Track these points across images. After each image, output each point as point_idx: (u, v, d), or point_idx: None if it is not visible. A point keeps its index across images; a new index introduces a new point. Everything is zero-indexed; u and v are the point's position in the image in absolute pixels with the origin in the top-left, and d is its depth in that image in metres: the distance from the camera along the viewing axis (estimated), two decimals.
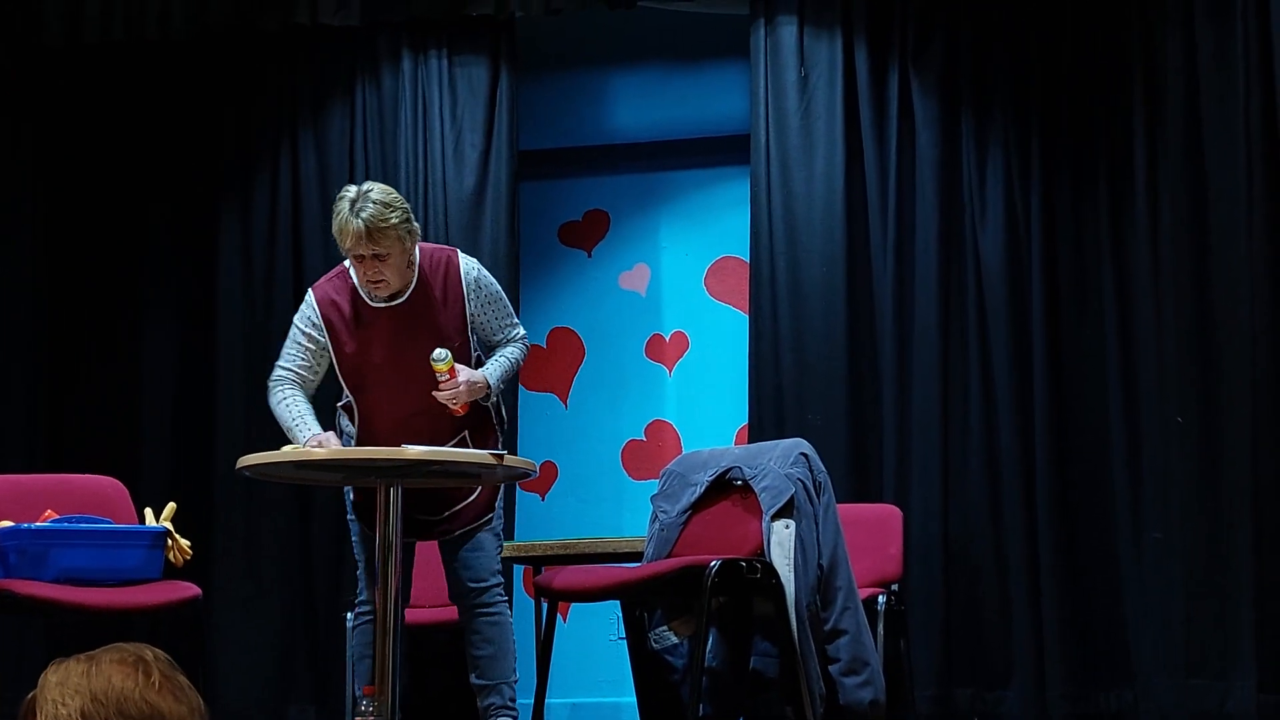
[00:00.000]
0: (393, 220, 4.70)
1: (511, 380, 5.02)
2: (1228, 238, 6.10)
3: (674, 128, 7.57)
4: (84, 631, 5.72)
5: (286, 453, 4.58)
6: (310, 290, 4.98)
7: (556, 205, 7.73)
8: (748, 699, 5.19)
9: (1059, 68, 6.59)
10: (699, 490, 5.21)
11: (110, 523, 5.08)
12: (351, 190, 4.79)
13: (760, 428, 6.68)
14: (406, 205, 4.82)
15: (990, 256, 6.56)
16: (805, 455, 5.07)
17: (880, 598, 5.94)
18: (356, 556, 5.02)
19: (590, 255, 7.73)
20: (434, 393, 4.74)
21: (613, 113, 7.64)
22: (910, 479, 6.53)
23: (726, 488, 5.19)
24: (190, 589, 4.98)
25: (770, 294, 6.77)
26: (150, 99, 7.34)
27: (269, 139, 7.26)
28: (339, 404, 5.02)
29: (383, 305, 4.85)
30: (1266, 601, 5.87)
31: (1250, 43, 6.08)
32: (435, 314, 4.86)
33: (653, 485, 5.53)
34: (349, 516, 5.00)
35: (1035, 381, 6.44)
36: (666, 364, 7.59)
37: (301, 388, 4.96)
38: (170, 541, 5.05)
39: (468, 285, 4.89)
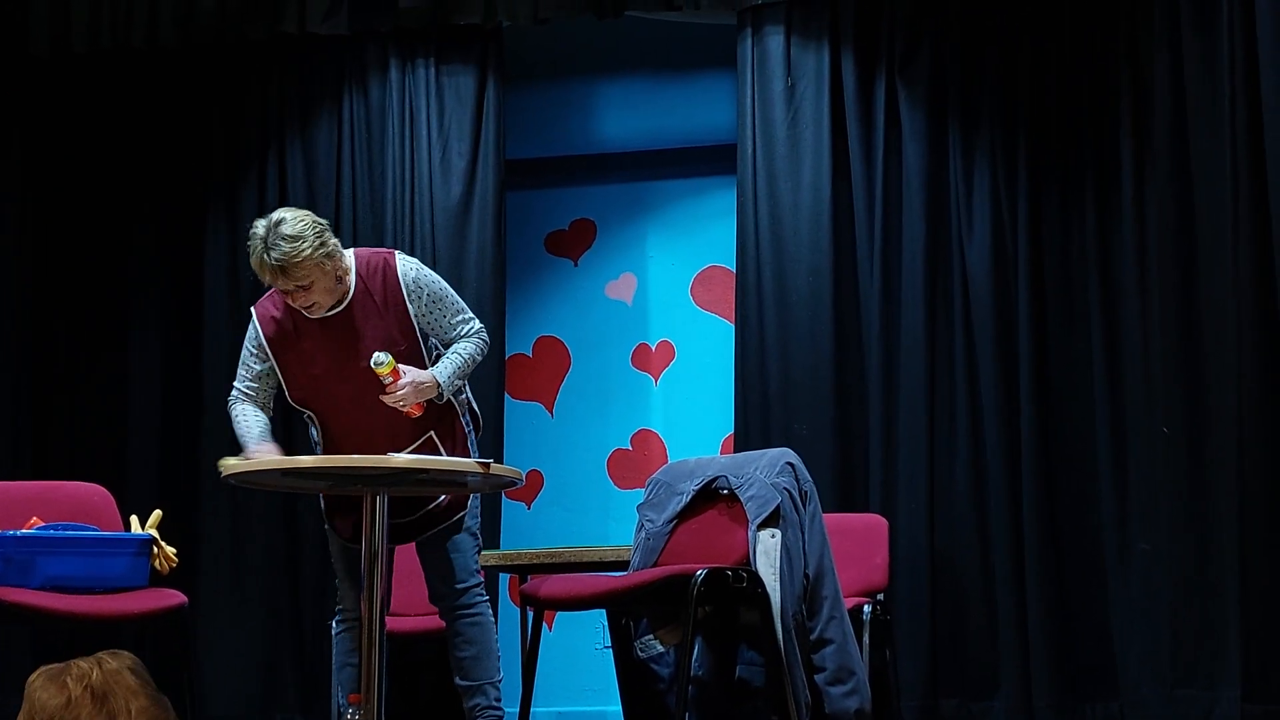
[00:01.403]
0: (305, 252, 4.62)
1: (471, 375, 4.91)
2: (1214, 249, 6.11)
3: (661, 137, 7.58)
4: (70, 639, 5.73)
5: (272, 460, 4.58)
6: (253, 309, 4.95)
7: (543, 214, 7.74)
8: (733, 708, 5.19)
9: (1046, 80, 6.61)
10: (685, 499, 5.22)
11: (96, 530, 5.07)
12: (260, 226, 4.69)
13: (746, 437, 6.69)
14: (320, 227, 4.70)
15: (977, 267, 6.57)
16: (791, 465, 5.08)
17: (866, 607, 5.94)
18: (335, 564, 5.02)
19: (577, 264, 7.74)
20: (381, 397, 4.70)
21: (600, 122, 7.64)
22: (896, 489, 6.54)
23: (713, 497, 5.19)
24: (176, 597, 4.98)
25: (756, 304, 6.78)
26: (138, 108, 7.34)
27: (256, 147, 7.26)
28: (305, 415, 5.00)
29: (319, 317, 4.81)
30: (1252, 612, 5.88)
31: (1236, 55, 6.10)
32: (376, 318, 4.81)
33: (639, 494, 5.53)
34: (326, 525, 5.00)
35: (1021, 392, 6.45)
36: (652, 373, 7.60)
37: (254, 402, 4.93)
38: (156, 549, 5.04)
39: (406, 287, 4.82)
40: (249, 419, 4.89)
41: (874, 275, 6.67)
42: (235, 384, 4.95)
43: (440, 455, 4.81)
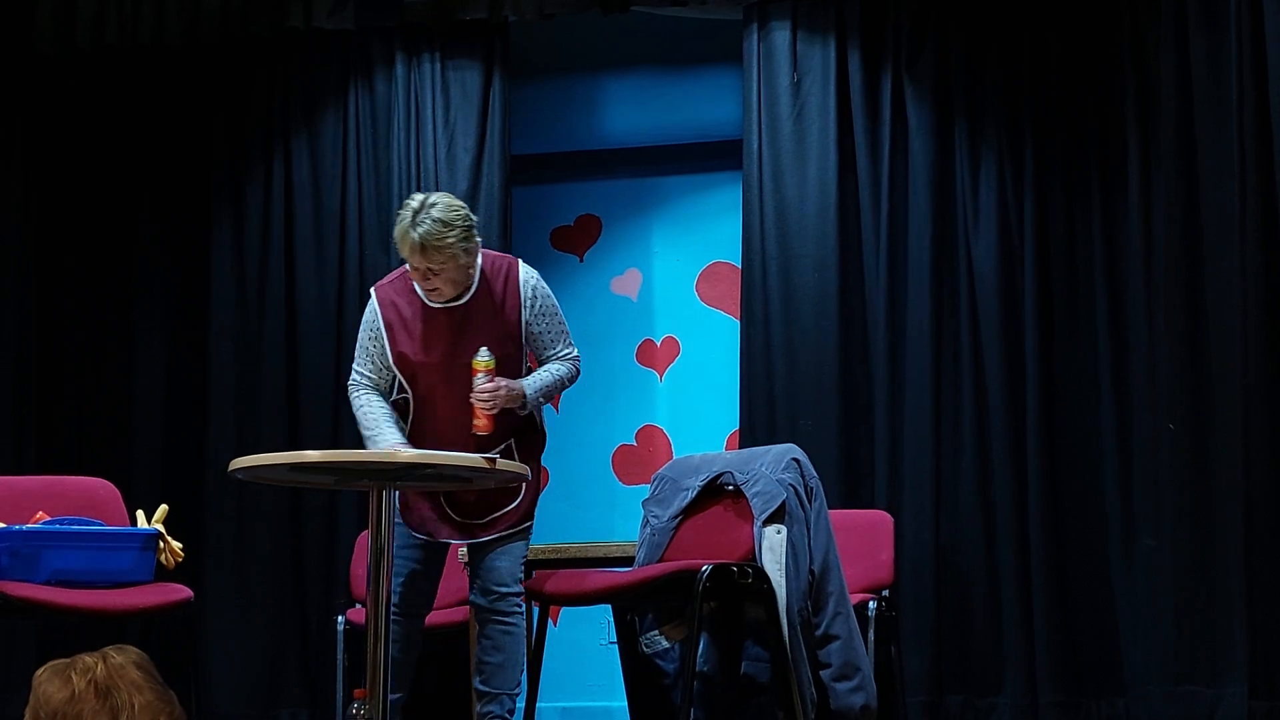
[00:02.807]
0: (449, 240, 4.74)
1: (552, 398, 5.05)
2: (1220, 245, 6.10)
3: (666, 133, 7.58)
4: (76, 633, 5.73)
5: (280, 456, 4.58)
6: (373, 290, 5.03)
7: (549, 210, 7.74)
8: (739, 704, 5.19)
9: (1052, 75, 6.60)
10: (690, 495, 5.22)
11: (102, 525, 5.07)
12: (416, 200, 4.81)
13: (751, 433, 6.69)
14: (471, 222, 4.83)
15: (983, 263, 6.57)
16: (797, 461, 5.08)
17: (871, 603, 5.94)
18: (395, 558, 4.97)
19: (582, 260, 7.73)
20: (471, 395, 4.77)
21: (605, 117, 7.64)
22: (902, 485, 6.54)
23: (718, 493, 5.19)
24: (182, 591, 4.98)
25: (762, 299, 6.78)
26: (143, 104, 7.34)
27: (262, 142, 7.26)
28: (389, 400, 5.01)
29: (441, 306, 4.89)
30: (1257, 609, 5.87)
31: (1243, 51, 6.08)
32: (492, 318, 4.90)
33: (644, 490, 5.53)
34: (396, 520, 4.96)
35: (1027, 388, 6.45)
36: (658, 369, 7.59)
37: (377, 390, 4.99)
38: (162, 544, 5.05)
39: (525, 293, 4.94)
40: (375, 410, 4.94)
41: (880, 271, 6.67)
42: (355, 369, 4.99)
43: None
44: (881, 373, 6.62)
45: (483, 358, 4.74)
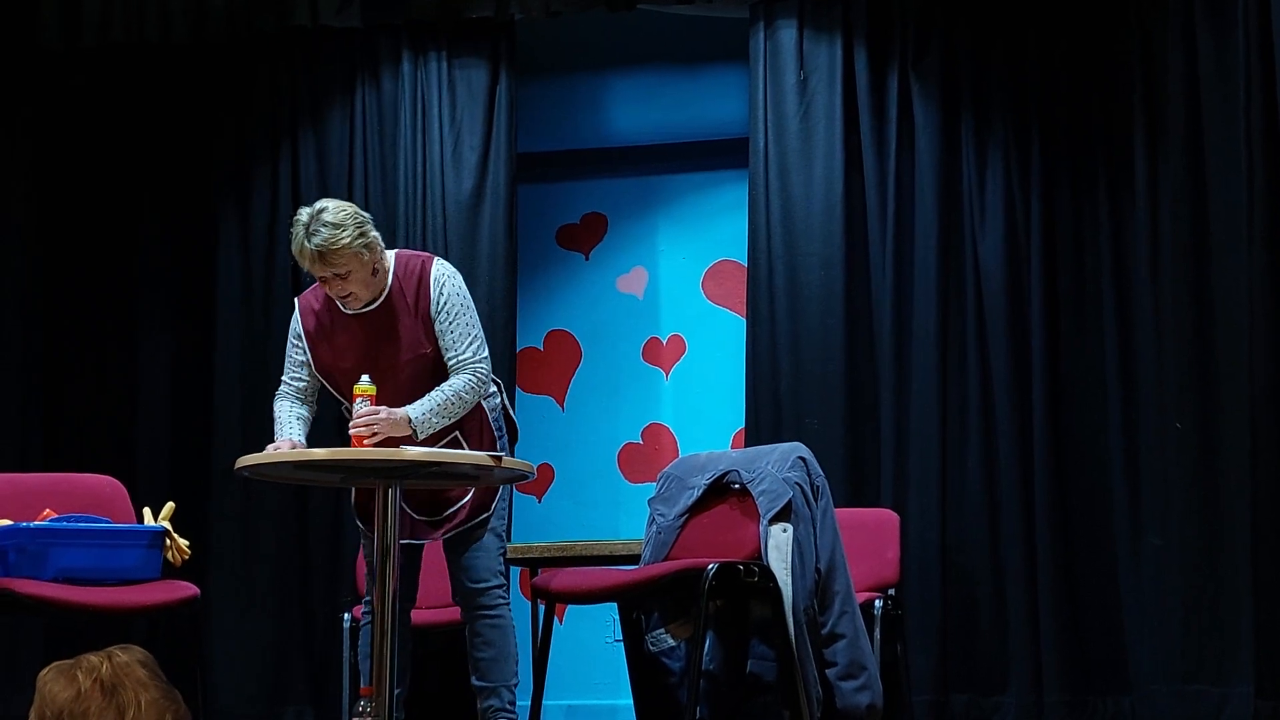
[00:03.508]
0: (344, 240, 4.66)
1: (458, 415, 4.82)
2: (1228, 243, 6.10)
3: (672, 131, 7.58)
4: (82, 631, 5.74)
5: (285, 454, 4.58)
6: (296, 300, 5.03)
7: (555, 208, 7.74)
8: (745, 702, 5.19)
9: (1059, 72, 6.60)
10: (696, 493, 5.21)
11: (109, 522, 5.08)
12: (304, 214, 4.75)
13: (757, 432, 6.69)
14: (361, 219, 4.74)
15: (990, 261, 6.56)
16: (803, 459, 5.07)
17: (877, 602, 5.94)
18: (365, 558, 5.01)
19: (588, 258, 7.73)
20: (350, 425, 4.67)
21: (611, 116, 7.64)
22: (908, 483, 6.53)
23: (724, 491, 5.19)
24: (188, 589, 4.98)
25: (768, 298, 6.78)
26: (149, 101, 7.34)
27: (268, 141, 7.26)
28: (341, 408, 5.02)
29: (356, 313, 4.85)
30: (1264, 608, 5.87)
31: (1251, 48, 6.08)
32: (407, 319, 4.83)
33: (649, 488, 5.53)
34: (357, 521, 5.00)
35: (1034, 386, 6.45)
36: (663, 367, 7.59)
37: (297, 398, 5.00)
38: (169, 541, 5.05)
39: (434, 291, 4.84)
40: (285, 413, 4.96)
41: (886, 269, 6.67)
42: (282, 378, 5.00)
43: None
44: (887, 371, 6.62)
45: (362, 383, 4.64)
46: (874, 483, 6.59)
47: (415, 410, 4.71)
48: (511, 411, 5.18)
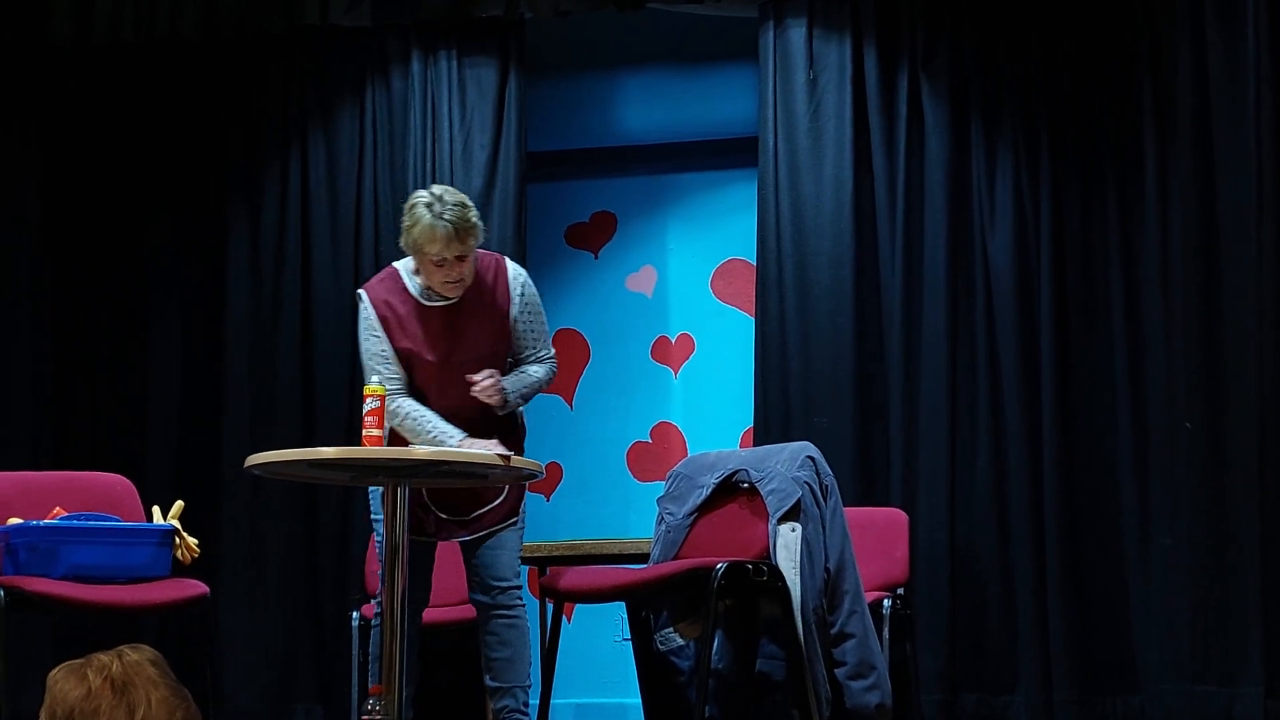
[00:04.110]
0: (473, 218, 4.76)
1: (528, 401, 5.01)
2: (1237, 244, 6.09)
3: (682, 130, 7.58)
4: (92, 629, 5.75)
5: (294, 452, 4.59)
6: (363, 292, 4.98)
7: (564, 207, 7.74)
8: (754, 702, 5.19)
9: (1068, 73, 6.59)
10: (705, 492, 5.22)
11: (119, 520, 5.08)
12: (424, 195, 4.80)
13: (766, 431, 6.69)
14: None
15: (999, 261, 6.56)
16: (812, 458, 5.07)
17: (886, 601, 5.94)
18: (379, 556, 4.97)
19: (597, 257, 7.74)
20: (473, 391, 4.76)
21: (621, 115, 7.64)
22: (917, 483, 6.53)
23: (733, 490, 5.19)
24: (198, 587, 4.99)
25: (777, 297, 6.77)
26: (159, 99, 7.34)
27: (278, 139, 7.27)
28: None
29: (436, 304, 4.87)
30: (1273, 607, 5.87)
31: (1261, 48, 6.07)
32: (484, 315, 4.89)
33: (658, 487, 5.53)
34: (374, 517, 4.97)
35: (1043, 386, 6.44)
36: (672, 366, 7.59)
37: (407, 391, 4.92)
38: (178, 539, 5.06)
39: (514, 289, 4.92)
40: (418, 411, 4.86)
41: (895, 269, 6.67)
42: (380, 377, 4.86)
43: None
44: (897, 370, 6.62)
45: (371, 384, 4.65)
46: (883, 482, 6.59)
47: (510, 383, 4.86)
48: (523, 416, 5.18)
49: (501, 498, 4.92)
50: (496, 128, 7.10)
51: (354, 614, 6.43)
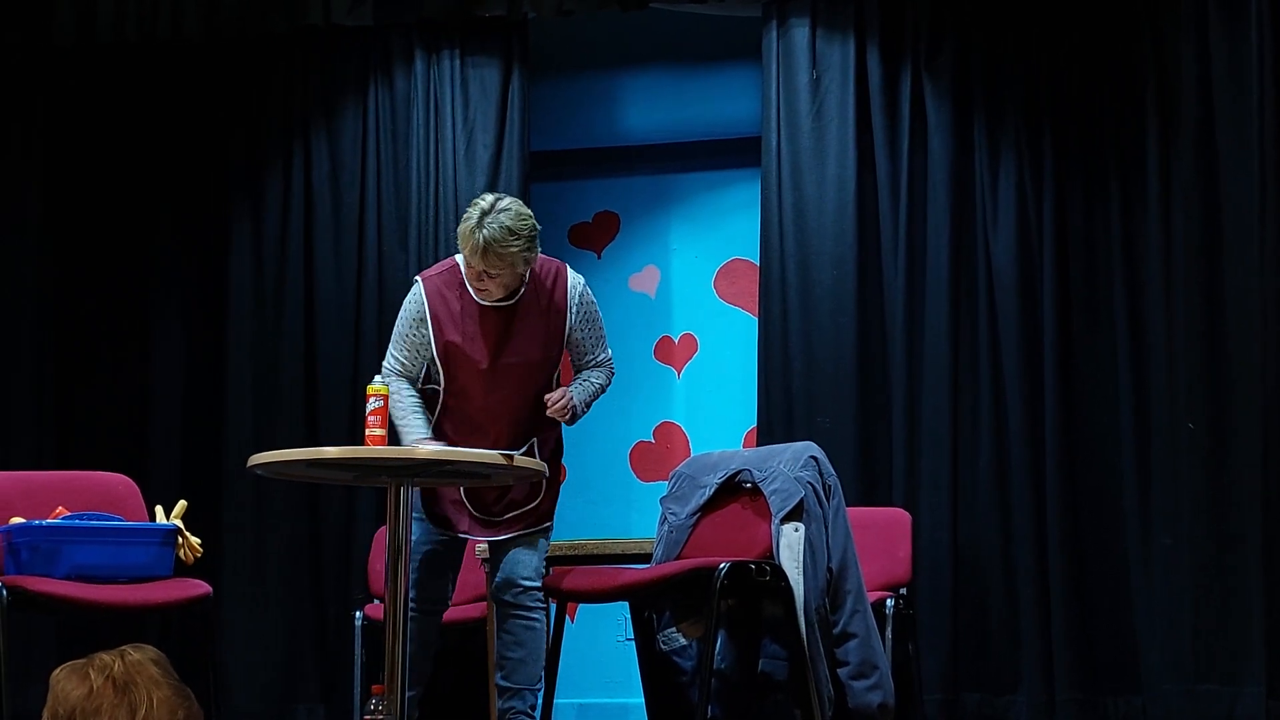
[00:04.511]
0: (513, 249, 4.70)
1: (590, 407, 5.08)
2: (1240, 245, 6.09)
3: (685, 130, 7.58)
4: (94, 628, 5.75)
5: (297, 452, 4.59)
6: (420, 281, 4.97)
7: (567, 207, 7.74)
8: (756, 702, 5.19)
9: (1071, 72, 6.59)
10: (708, 492, 5.22)
11: (121, 520, 5.09)
12: (486, 200, 4.77)
13: (769, 431, 6.69)
14: (535, 232, 4.78)
15: (1002, 261, 6.56)
16: (815, 459, 5.07)
17: (889, 601, 5.94)
18: (413, 552, 4.93)
19: (600, 257, 7.73)
20: (549, 412, 4.84)
21: (624, 114, 7.64)
22: (920, 483, 6.53)
23: (736, 490, 5.19)
24: (201, 587, 4.99)
25: (780, 297, 6.77)
26: (162, 99, 7.35)
27: (281, 139, 7.27)
28: (417, 389, 4.98)
29: (491, 304, 4.86)
30: (1276, 607, 5.86)
31: (1264, 47, 6.07)
32: (538, 320, 4.89)
33: (661, 487, 5.53)
34: (416, 516, 4.92)
35: (1045, 386, 6.44)
36: (675, 366, 7.59)
37: (407, 378, 4.96)
38: (181, 539, 5.06)
39: (572, 299, 4.93)
40: (404, 400, 4.89)
41: (898, 269, 6.67)
42: (391, 355, 4.93)
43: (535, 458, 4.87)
44: (899, 370, 6.62)
45: (375, 384, 4.66)
46: (885, 482, 6.59)
47: (577, 396, 4.93)
48: None
49: (535, 502, 4.93)
50: (499, 127, 7.10)
51: (357, 614, 6.43)
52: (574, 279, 4.97)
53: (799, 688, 4.83)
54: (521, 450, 4.85)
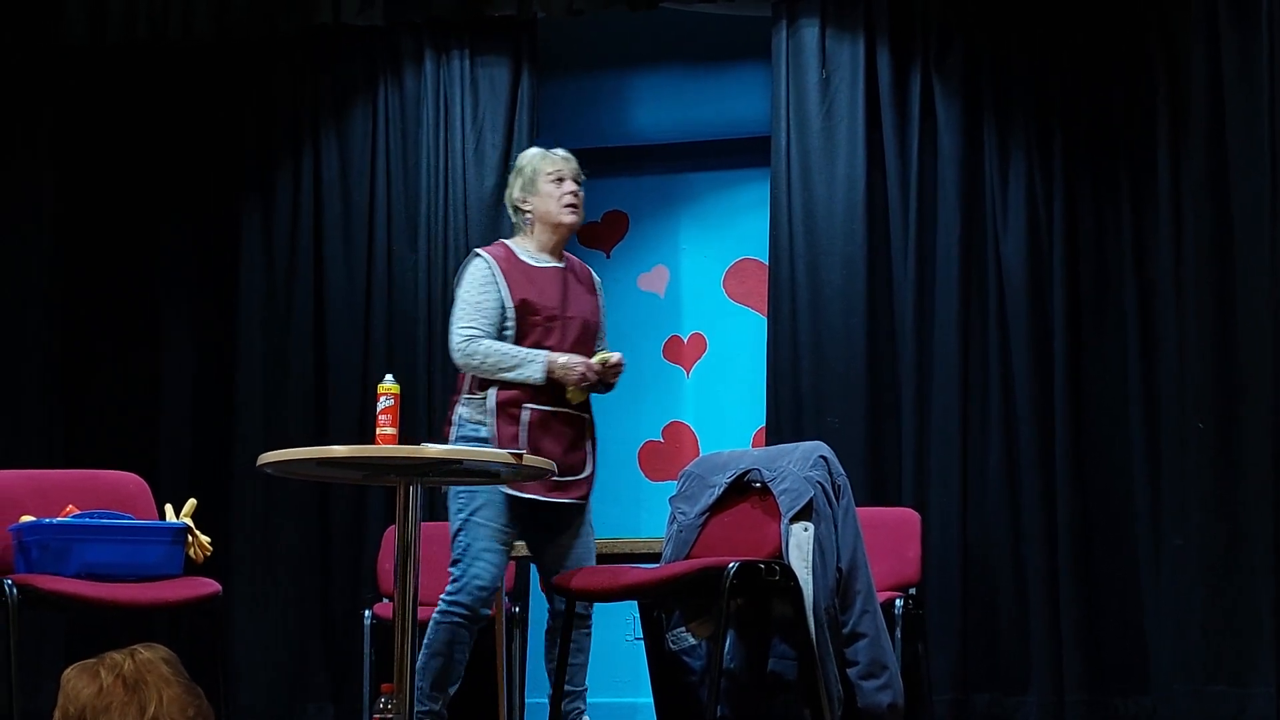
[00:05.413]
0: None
1: None
2: (1250, 244, 6.08)
3: (694, 129, 7.58)
4: (104, 627, 5.75)
5: (306, 450, 4.59)
6: (478, 253, 5.15)
7: None
8: (765, 701, 5.18)
9: (1081, 73, 6.59)
10: (717, 492, 5.21)
11: (131, 518, 5.09)
12: (532, 149, 5.30)
13: (778, 430, 6.69)
14: None
15: (1012, 261, 6.55)
16: (824, 458, 5.06)
17: (898, 601, 5.94)
18: (479, 540, 4.98)
19: (609, 256, 7.73)
20: (605, 370, 5.03)
21: (633, 114, 7.64)
22: (929, 483, 6.53)
23: (745, 490, 5.18)
24: (210, 585, 4.98)
25: (789, 296, 6.77)
26: (172, 98, 7.36)
27: (291, 138, 7.28)
28: (467, 394, 5.03)
29: (546, 265, 5.10)
30: None
31: (1275, 47, 6.06)
32: (583, 292, 5.18)
33: (670, 486, 5.52)
34: (461, 513, 4.97)
35: (1055, 386, 6.44)
36: (684, 366, 7.59)
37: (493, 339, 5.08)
38: (191, 538, 5.06)
39: (597, 283, 5.28)
40: (505, 346, 5.00)
41: (908, 269, 6.66)
42: (468, 324, 5.02)
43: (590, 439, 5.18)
44: (909, 370, 6.62)
45: (386, 383, 4.66)
46: (895, 482, 6.59)
47: None
48: None
49: (587, 472, 5.17)
50: (508, 127, 7.11)
51: (366, 613, 6.43)
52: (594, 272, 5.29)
53: (808, 688, 4.82)
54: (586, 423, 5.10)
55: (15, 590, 4.70)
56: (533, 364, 4.95)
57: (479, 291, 5.05)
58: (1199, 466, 6.09)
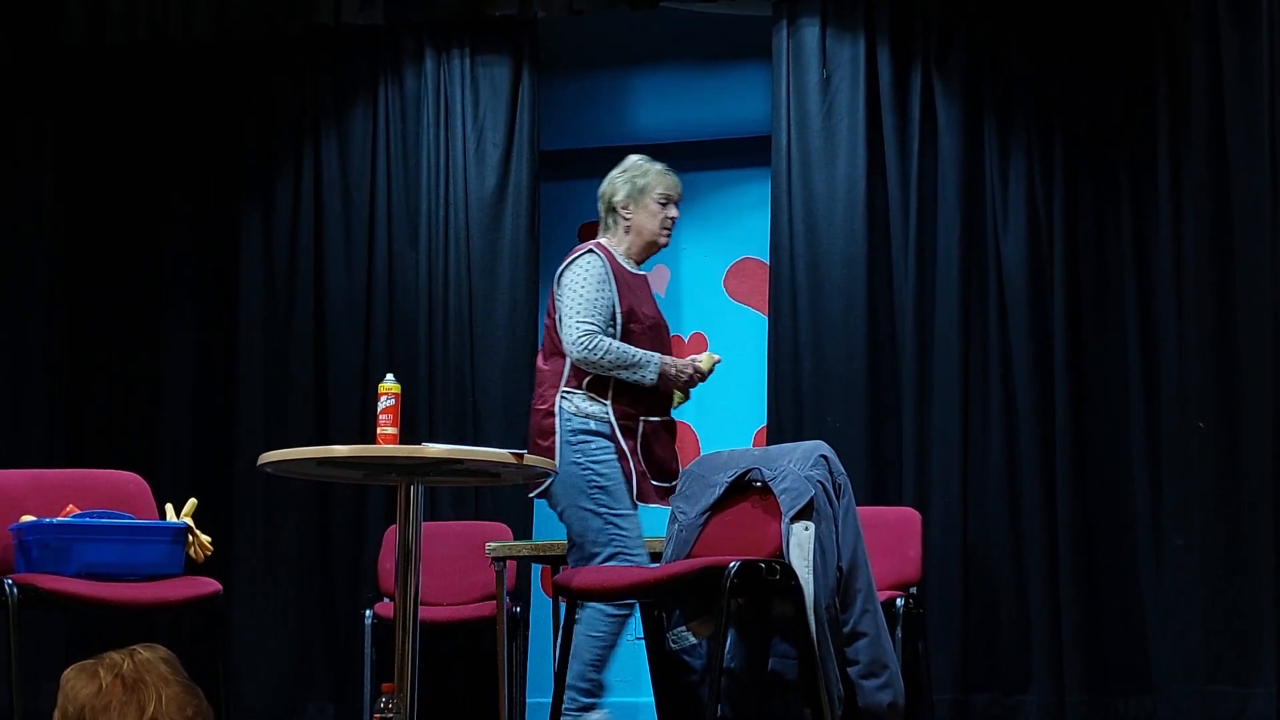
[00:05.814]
0: None
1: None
2: (1251, 244, 6.07)
3: (695, 129, 7.57)
4: (104, 626, 5.76)
5: (307, 450, 4.59)
6: (591, 249, 5.25)
7: (577, 205, 7.72)
8: (766, 701, 5.18)
9: (1082, 73, 6.59)
10: (718, 491, 5.20)
11: (132, 518, 5.09)
12: (652, 162, 5.41)
13: (779, 430, 6.69)
14: None
15: (1012, 260, 6.56)
16: (825, 457, 5.06)
17: (899, 600, 5.94)
18: (622, 535, 5.17)
19: None
20: (712, 359, 5.26)
21: (634, 114, 7.64)
22: (930, 482, 6.53)
23: (746, 489, 5.18)
24: (211, 585, 4.99)
25: (790, 296, 6.77)
26: (173, 98, 7.36)
27: (291, 138, 7.28)
28: (574, 385, 5.12)
29: (639, 273, 5.33)
30: None
31: (1275, 46, 6.06)
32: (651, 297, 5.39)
33: None
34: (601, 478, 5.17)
35: (1055, 385, 6.44)
36: None
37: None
38: (191, 537, 5.06)
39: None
40: (627, 347, 5.15)
41: (908, 268, 6.66)
42: (590, 320, 5.13)
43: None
44: (909, 370, 6.62)
45: (388, 382, 4.73)
46: (895, 481, 6.59)
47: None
48: None
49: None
50: (509, 126, 7.11)
51: (367, 612, 6.43)
52: None
53: (809, 687, 4.82)
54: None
55: (15, 590, 4.70)
56: (649, 366, 5.13)
57: (596, 289, 5.15)
58: (1200, 466, 6.09)
